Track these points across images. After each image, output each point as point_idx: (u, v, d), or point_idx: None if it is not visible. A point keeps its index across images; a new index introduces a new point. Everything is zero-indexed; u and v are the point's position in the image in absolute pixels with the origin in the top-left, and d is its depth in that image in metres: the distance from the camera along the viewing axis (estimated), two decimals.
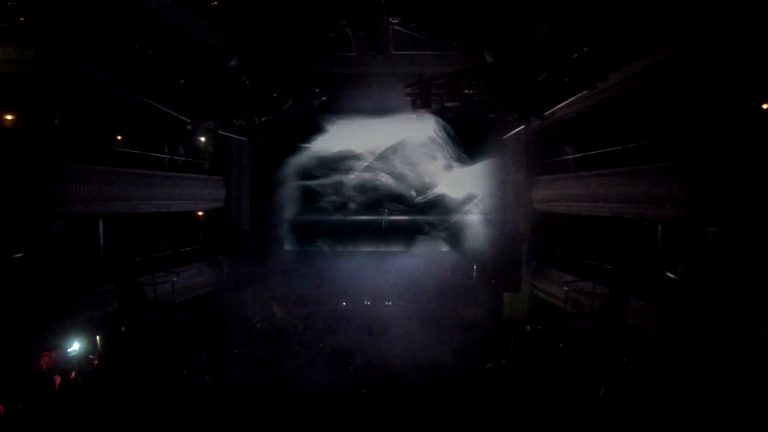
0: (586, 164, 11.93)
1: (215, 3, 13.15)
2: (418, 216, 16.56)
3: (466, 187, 16.59)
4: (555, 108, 9.57)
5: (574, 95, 8.78)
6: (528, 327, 13.09)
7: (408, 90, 10.08)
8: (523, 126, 11.63)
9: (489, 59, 8.78)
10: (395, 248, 15.66)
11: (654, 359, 8.37)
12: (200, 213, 15.01)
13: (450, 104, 9.03)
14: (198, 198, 14.04)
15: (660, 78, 9.06)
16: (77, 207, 9.61)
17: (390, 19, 13.04)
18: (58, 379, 8.91)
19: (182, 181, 13.19)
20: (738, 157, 7.66)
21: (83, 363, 9.70)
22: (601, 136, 11.38)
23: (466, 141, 13.65)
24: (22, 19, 8.88)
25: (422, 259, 15.09)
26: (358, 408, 8.48)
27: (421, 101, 9.47)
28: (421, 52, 12.28)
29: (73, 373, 9.24)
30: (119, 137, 11.64)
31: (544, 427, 7.64)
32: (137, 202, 11.32)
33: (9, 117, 9.79)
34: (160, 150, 12.52)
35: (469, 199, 16.41)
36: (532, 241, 14.30)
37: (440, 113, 9.41)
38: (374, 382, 9.56)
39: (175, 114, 10.44)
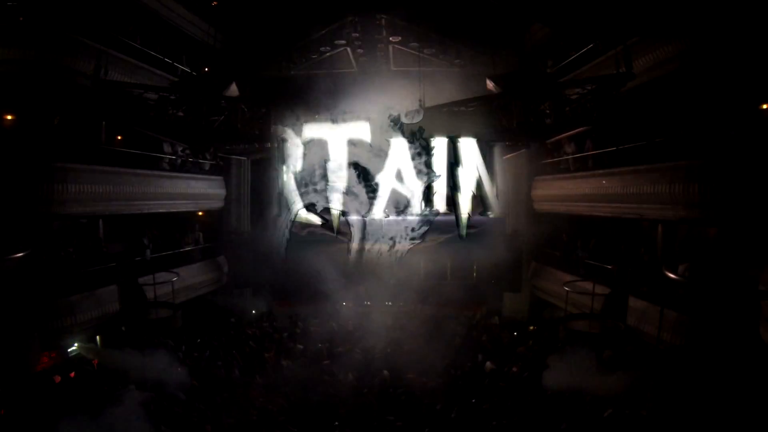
0: (585, 164, 11.92)
1: (215, 3, 13.26)
2: (417, 217, 16.60)
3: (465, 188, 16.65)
4: (556, 138, 9.58)
5: (575, 129, 8.83)
6: (529, 327, 13.10)
7: (408, 117, 10.18)
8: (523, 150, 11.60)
9: (489, 85, 8.77)
10: (395, 249, 15.66)
11: (653, 360, 8.36)
12: (200, 213, 15.01)
13: (451, 134, 9.11)
14: (198, 198, 14.04)
15: (660, 78, 9.06)
16: (77, 207, 9.61)
17: (390, 38, 13.12)
18: (58, 379, 8.93)
19: (182, 181, 13.19)
20: (737, 157, 7.67)
21: (83, 363, 9.71)
22: (601, 136, 11.37)
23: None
24: (22, 19, 8.88)
25: (422, 259, 15.09)
26: (358, 407, 8.48)
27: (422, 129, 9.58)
28: (422, 69, 12.37)
29: (72, 373, 9.25)
30: (119, 137, 11.65)
31: (546, 426, 7.65)
32: (137, 202, 11.33)
33: (9, 117, 9.81)
34: (160, 150, 12.52)
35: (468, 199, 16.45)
36: (532, 241, 14.28)
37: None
38: (374, 382, 9.58)
39: (173, 141, 10.53)
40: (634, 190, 9.65)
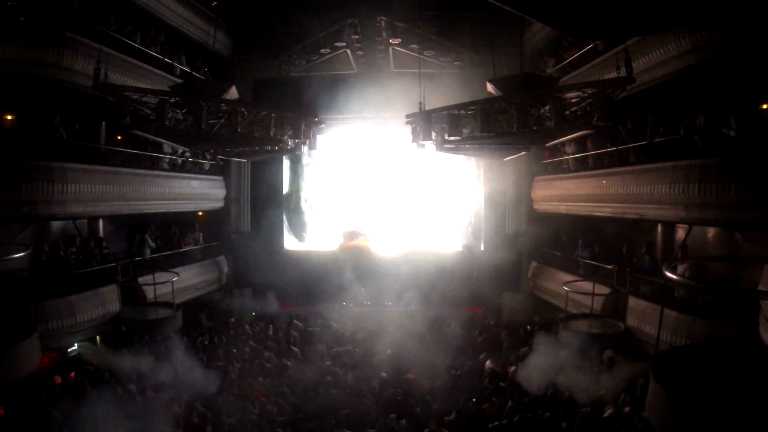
0: (586, 164, 11.92)
1: (215, 3, 13.27)
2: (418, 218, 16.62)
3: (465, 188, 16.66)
4: (557, 141, 9.61)
5: (576, 132, 8.78)
6: (528, 327, 13.09)
7: (408, 120, 10.23)
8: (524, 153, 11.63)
9: (489, 87, 8.77)
10: (395, 249, 15.67)
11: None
12: (200, 213, 15.01)
13: (451, 138, 9.14)
14: (198, 198, 14.05)
15: (661, 77, 9.04)
16: (77, 207, 9.60)
17: (390, 40, 13.11)
18: (58, 380, 8.92)
19: (182, 181, 13.20)
20: (737, 158, 7.66)
21: (83, 363, 9.71)
22: (601, 137, 11.35)
23: None
24: (22, 19, 8.86)
25: (422, 259, 15.09)
26: (357, 406, 8.49)
27: (422, 131, 9.59)
28: (422, 71, 12.47)
29: (72, 373, 9.24)
30: (119, 137, 11.64)
31: (546, 426, 7.66)
32: (137, 203, 11.32)
33: (9, 117, 9.79)
34: (160, 150, 12.51)
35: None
36: (532, 241, 14.28)
37: (441, 145, 9.55)
38: (374, 381, 9.57)
39: (172, 143, 10.56)
40: (634, 191, 9.65)
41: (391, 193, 16.62)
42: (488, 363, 10.21)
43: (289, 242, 16.48)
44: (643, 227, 11.14)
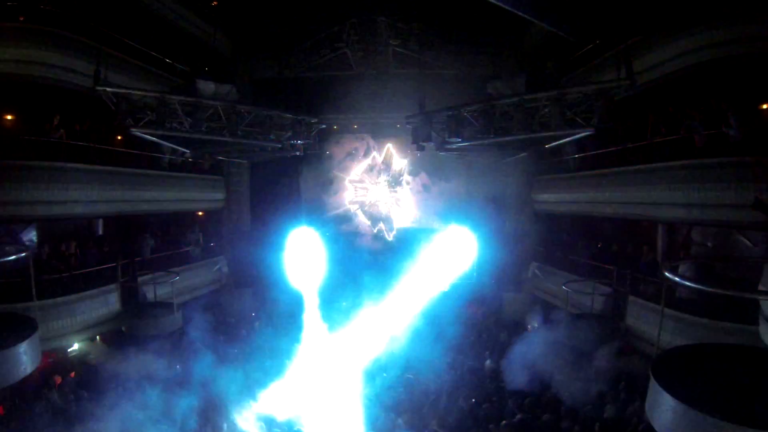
0: (586, 164, 11.90)
1: (215, 3, 13.24)
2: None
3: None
4: (557, 143, 9.65)
5: (576, 134, 8.73)
6: (528, 327, 13.09)
7: (408, 121, 10.22)
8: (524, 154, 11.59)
9: (490, 89, 8.75)
10: (396, 249, 15.65)
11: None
12: (200, 213, 14.98)
13: (452, 139, 9.14)
14: (198, 198, 14.03)
15: (663, 78, 9.03)
16: (77, 207, 9.60)
17: (390, 40, 13.11)
18: (58, 380, 8.92)
19: (182, 181, 13.18)
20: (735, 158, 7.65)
21: (83, 363, 9.71)
22: (601, 137, 11.34)
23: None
24: (22, 19, 8.86)
25: (422, 259, 15.05)
26: (357, 404, 8.50)
27: (422, 133, 9.59)
28: (422, 71, 12.37)
29: (72, 373, 9.25)
30: (119, 137, 11.64)
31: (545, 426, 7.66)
32: (137, 203, 11.31)
33: (9, 117, 9.79)
34: (160, 150, 12.49)
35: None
36: (532, 241, 14.27)
37: (441, 146, 9.52)
38: (374, 381, 9.59)
39: (173, 146, 10.62)
40: (634, 191, 9.64)
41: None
42: (488, 363, 10.22)
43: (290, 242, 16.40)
44: (643, 227, 11.14)
